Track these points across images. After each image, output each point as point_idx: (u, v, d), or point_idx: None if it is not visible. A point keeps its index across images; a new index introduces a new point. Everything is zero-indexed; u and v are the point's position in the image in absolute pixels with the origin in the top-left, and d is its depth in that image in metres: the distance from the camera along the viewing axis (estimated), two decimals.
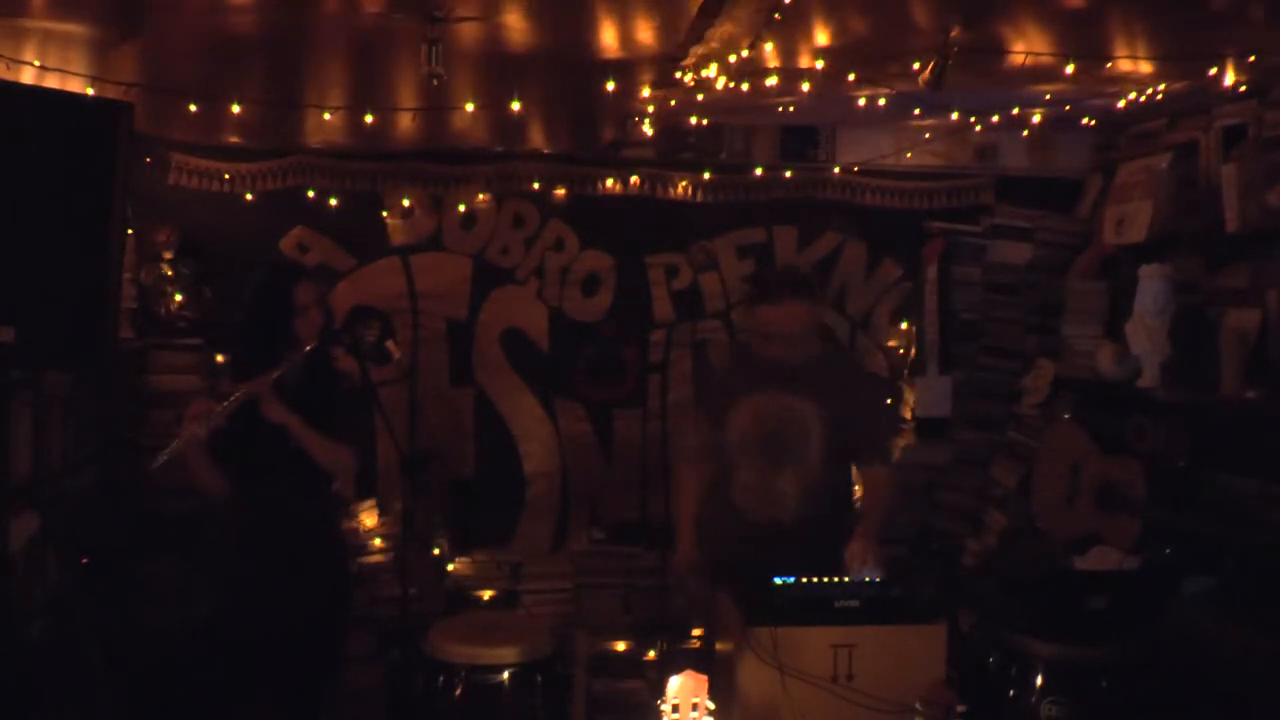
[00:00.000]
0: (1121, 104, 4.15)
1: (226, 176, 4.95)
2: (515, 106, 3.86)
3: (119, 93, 3.58)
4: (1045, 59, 3.53)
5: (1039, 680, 3.35)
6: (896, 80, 3.83)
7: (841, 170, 5.21)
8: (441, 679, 3.58)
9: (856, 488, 3.92)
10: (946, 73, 3.32)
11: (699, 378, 3.95)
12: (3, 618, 3.17)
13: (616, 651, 4.99)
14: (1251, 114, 3.99)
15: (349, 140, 4.81)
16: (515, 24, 3.18)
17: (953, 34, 3.24)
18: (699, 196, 5.24)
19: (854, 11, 3.17)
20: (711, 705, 2.72)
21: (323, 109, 4.11)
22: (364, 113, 4.08)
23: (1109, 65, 3.63)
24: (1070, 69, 3.58)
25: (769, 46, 3.37)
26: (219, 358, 4.73)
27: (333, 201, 5.03)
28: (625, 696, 4.74)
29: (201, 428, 3.17)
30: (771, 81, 3.81)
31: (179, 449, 3.17)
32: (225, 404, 3.20)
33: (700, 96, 3.98)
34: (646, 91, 3.92)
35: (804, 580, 3.23)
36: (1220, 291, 4.08)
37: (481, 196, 5.16)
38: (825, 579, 3.25)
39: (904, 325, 5.31)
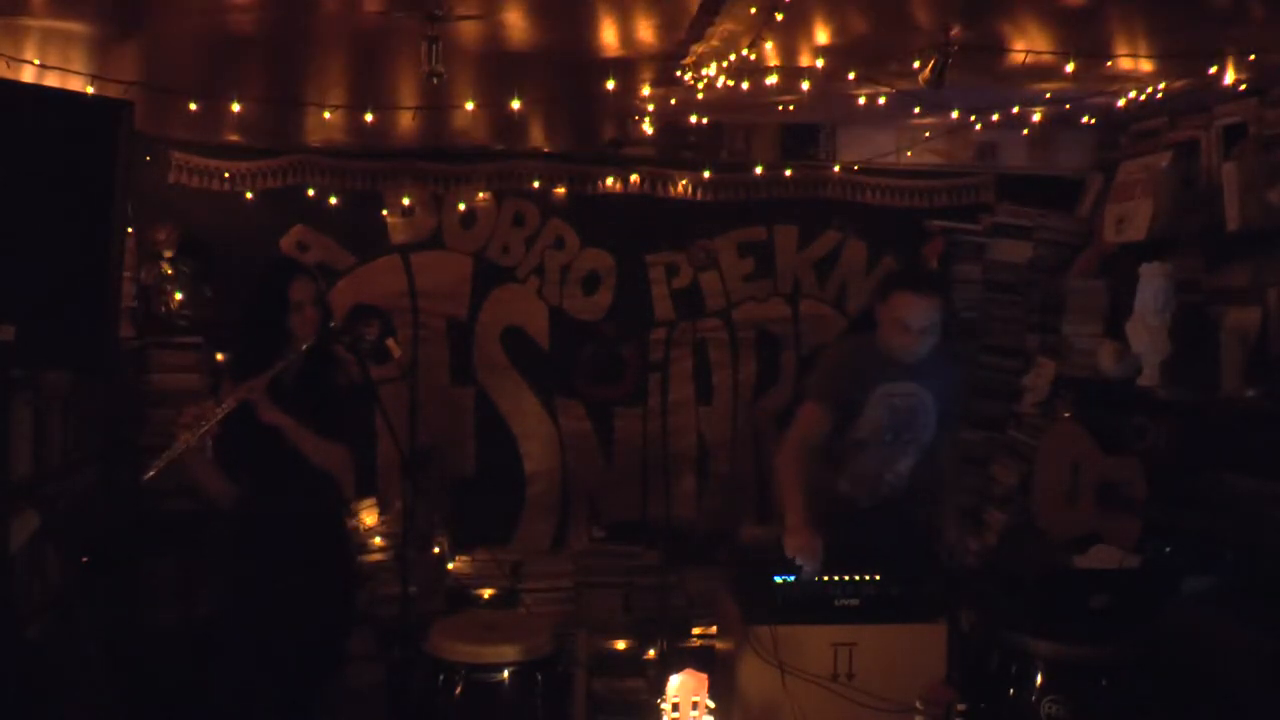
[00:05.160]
0: (1122, 102, 4.15)
1: (227, 175, 4.95)
2: (515, 105, 3.86)
3: (119, 91, 3.58)
4: (1046, 57, 3.53)
5: (1039, 679, 3.34)
6: (896, 79, 3.83)
7: (842, 169, 5.21)
8: (442, 678, 3.58)
9: None
10: (946, 71, 3.32)
11: (819, 368, 3.97)
12: (3, 618, 3.17)
13: (616, 650, 4.99)
14: (1252, 113, 3.99)
15: (349, 139, 4.81)
16: (515, 22, 3.18)
17: (953, 32, 3.24)
18: (699, 195, 5.25)
19: (854, 10, 3.17)
20: (711, 704, 2.72)
21: (323, 107, 4.11)
22: (364, 111, 4.08)
23: (1109, 63, 3.63)
24: (1071, 67, 3.58)
25: (770, 45, 3.37)
26: (219, 356, 4.73)
27: (333, 200, 5.03)
28: (625, 695, 4.74)
29: (193, 435, 3.16)
30: (772, 80, 3.81)
31: (171, 458, 3.17)
32: (217, 410, 3.20)
33: (701, 95, 3.98)
34: (647, 90, 3.92)
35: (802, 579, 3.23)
36: (1221, 290, 4.08)
37: (482, 195, 5.16)
38: (827, 577, 3.25)
39: None
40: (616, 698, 4.72)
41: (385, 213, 5.13)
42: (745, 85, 3.80)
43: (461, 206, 5.15)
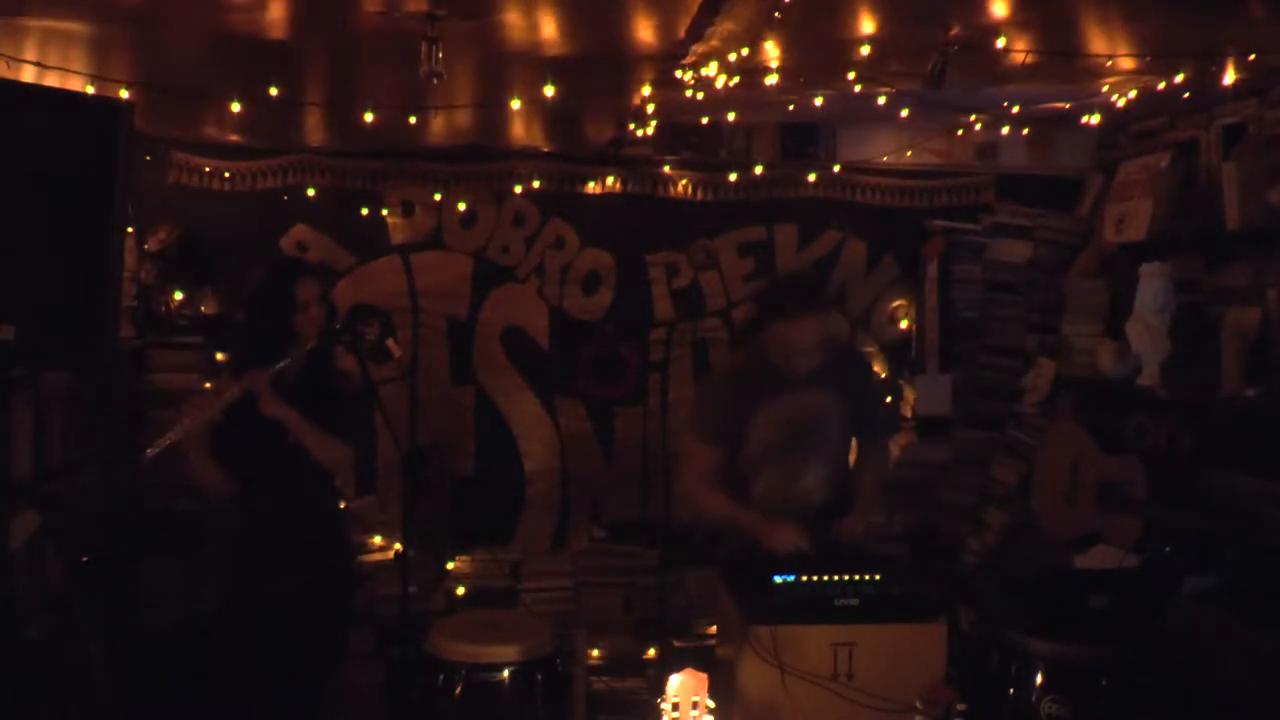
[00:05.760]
0: (1122, 102, 4.15)
1: (227, 175, 4.95)
2: (515, 105, 3.86)
3: (119, 91, 3.58)
4: (1045, 57, 3.53)
5: (1039, 679, 3.34)
6: (896, 79, 3.83)
7: (842, 169, 5.21)
8: (441, 677, 3.57)
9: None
10: (946, 71, 3.32)
11: (699, 400, 3.90)
12: (3, 618, 3.17)
13: (616, 650, 4.99)
14: (1252, 113, 3.99)
15: (349, 139, 4.81)
16: (515, 22, 3.18)
17: (953, 32, 3.24)
18: (699, 195, 5.25)
19: (855, 10, 3.17)
20: (711, 704, 2.72)
21: (323, 107, 4.11)
22: (364, 111, 4.08)
23: (1109, 64, 3.63)
24: (1069, 68, 3.58)
25: (770, 45, 3.37)
26: (219, 356, 4.73)
27: (333, 200, 5.03)
28: (625, 695, 4.74)
29: (194, 421, 3.16)
30: (772, 80, 3.81)
31: (171, 440, 3.16)
32: (221, 398, 3.20)
33: (701, 95, 3.98)
34: (647, 90, 3.92)
35: (805, 579, 3.23)
36: (1221, 290, 4.08)
37: (481, 195, 5.16)
38: (826, 577, 3.25)
39: (904, 324, 5.31)
40: (616, 698, 4.72)
41: (385, 213, 5.13)
42: (745, 85, 3.80)
43: (461, 206, 5.15)
